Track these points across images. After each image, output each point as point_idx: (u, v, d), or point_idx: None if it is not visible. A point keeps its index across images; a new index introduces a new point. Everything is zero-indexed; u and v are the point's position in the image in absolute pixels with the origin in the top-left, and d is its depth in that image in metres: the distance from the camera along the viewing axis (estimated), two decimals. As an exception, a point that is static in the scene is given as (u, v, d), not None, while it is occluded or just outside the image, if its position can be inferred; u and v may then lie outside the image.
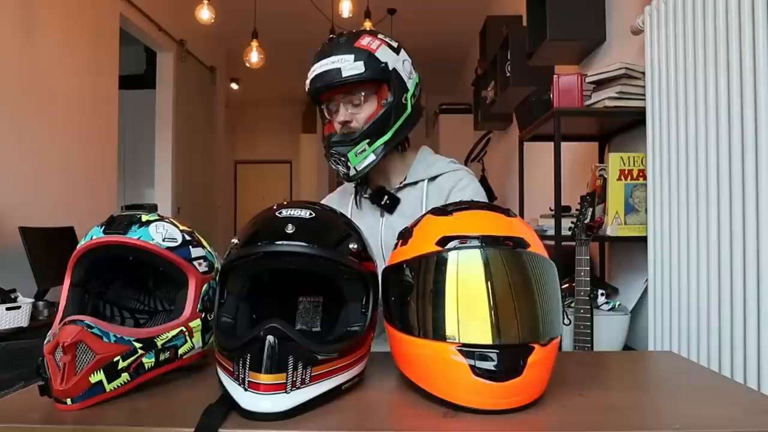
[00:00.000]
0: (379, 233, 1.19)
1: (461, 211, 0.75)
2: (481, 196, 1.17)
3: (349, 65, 1.06)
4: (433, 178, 1.21)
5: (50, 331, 0.70)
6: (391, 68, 1.10)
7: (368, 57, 1.08)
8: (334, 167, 1.15)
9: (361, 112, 1.12)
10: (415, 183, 1.21)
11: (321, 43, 1.13)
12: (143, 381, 0.74)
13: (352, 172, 1.12)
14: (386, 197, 1.20)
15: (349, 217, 1.14)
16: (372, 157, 1.12)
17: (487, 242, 0.69)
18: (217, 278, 0.79)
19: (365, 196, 1.25)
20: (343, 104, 1.13)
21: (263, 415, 0.64)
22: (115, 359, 0.70)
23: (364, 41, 1.10)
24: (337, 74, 1.06)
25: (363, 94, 1.11)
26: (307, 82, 1.12)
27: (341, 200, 1.31)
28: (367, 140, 1.10)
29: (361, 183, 1.24)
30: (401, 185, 1.22)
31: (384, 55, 1.09)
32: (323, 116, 1.19)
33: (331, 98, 1.14)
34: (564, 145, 2.00)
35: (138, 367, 0.72)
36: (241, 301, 0.78)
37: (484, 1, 4.96)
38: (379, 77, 1.09)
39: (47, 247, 2.68)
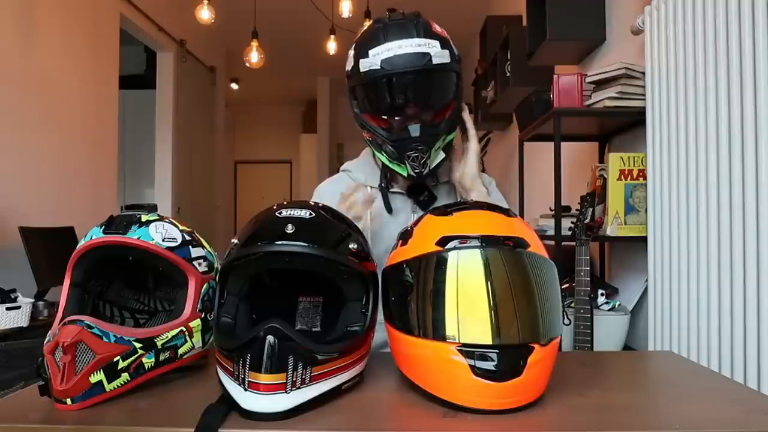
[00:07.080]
0: None
1: (461, 211, 0.75)
2: (503, 203, 1.12)
3: (437, 52, 0.96)
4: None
5: (50, 331, 0.70)
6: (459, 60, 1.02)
7: (450, 45, 0.99)
8: (403, 162, 1.02)
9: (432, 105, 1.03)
10: (446, 182, 1.17)
11: (376, 20, 1.02)
12: (143, 381, 0.74)
13: (426, 170, 1.03)
14: (426, 193, 1.12)
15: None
16: (442, 155, 1.05)
17: (487, 242, 0.69)
18: (217, 278, 0.79)
19: (397, 191, 1.15)
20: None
21: (263, 415, 0.64)
22: (115, 359, 0.70)
23: (437, 27, 1.01)
24: (424, 59, 0.95)
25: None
26: (373, 60, 0.97)
27: (337, 190, 1.20)
28: (444, 136, 1.03)
29: (389, 178, 1.15)
30: (435, 184, 1.16)
31: (453, 45, 1.01)
32: (365, 104, 1.04)
33: (399, 85, 1.00)
34: (564, 145, 2.00)
35: (138, 367, 0.72)
36: (241, 301, 0.78)
37: (484, 1, 4.96)
38: (455, 69, 1.01)
39: (47, 247, 2.68)
